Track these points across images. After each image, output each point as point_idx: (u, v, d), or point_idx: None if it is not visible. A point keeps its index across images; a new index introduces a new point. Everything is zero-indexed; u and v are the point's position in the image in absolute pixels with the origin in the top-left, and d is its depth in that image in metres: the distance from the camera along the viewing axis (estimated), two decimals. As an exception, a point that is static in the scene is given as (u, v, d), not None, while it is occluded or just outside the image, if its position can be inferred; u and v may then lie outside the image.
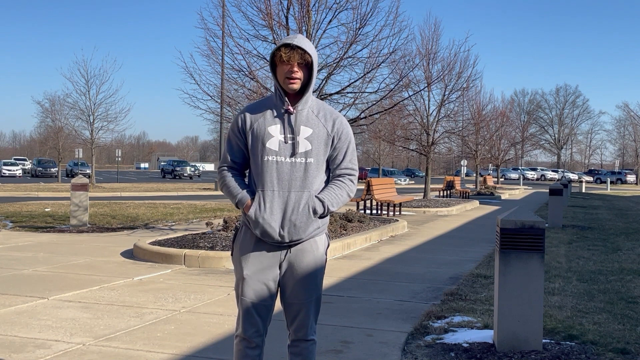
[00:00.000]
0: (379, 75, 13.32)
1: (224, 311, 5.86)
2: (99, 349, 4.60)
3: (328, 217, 3.10)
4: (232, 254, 3.13)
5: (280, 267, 3.03)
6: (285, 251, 3.01)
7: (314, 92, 12.09)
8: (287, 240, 2.96)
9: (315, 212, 2.96)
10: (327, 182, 3.10)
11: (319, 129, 3.01)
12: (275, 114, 3.00)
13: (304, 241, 3.01)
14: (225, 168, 3.11)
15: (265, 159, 2.95)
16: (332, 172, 3.11)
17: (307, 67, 2.96)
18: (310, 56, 2.93)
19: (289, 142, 2.96)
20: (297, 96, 3.01)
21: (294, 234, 2.95)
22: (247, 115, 3.04)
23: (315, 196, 2.98)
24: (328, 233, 3.19)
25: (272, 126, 2.98)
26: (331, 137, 3.03)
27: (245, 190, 3.02)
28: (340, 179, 3.08)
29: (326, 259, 3.13)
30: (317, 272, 3.06)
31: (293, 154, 2.95)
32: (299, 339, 3.09)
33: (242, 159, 3.10)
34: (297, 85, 2.94)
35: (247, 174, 3.17)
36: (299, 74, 2.93)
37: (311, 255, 3.02)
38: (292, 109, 2.98)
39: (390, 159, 74.99)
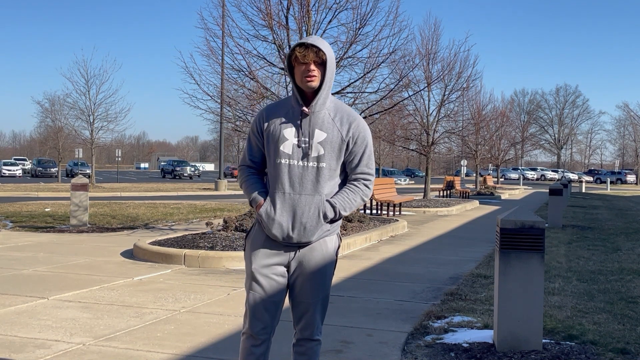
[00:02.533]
0: (379, 75, 13.30)
1: (224, 311, 5.86)
2: (99, 349, 4.60)
3: (341, 220, 3.11)
4: (244, 250, 3.17)
5: (289, 266, 3.06)
6: (294, 251, 3.04)
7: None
8: (295, 242, 2.99)
9: (325, 216, 2.99)
10: (344, 183, 3.11)
11: (334, 133, 3.00)
12: (292, 116, 3.01)
13: (314, 242, 3.03)
14: (244, 167, 3.17)
15: (278, 161, 2.98)
16: (348, 175, 3.11)
17: (323, 65, 2.96)
18: (324, 54, 2.93)
19: (303, 145, 2.97)
20: (312, 96, 3.00)
21: (303, 236, 2.98)
22: (265, 116, 3.07)
23: (327, 200, 2.99)
24: (340, 233, 3.20)
25: (287, 129, 2.99)
26: (345, 142, 3.02)
27: (260, 191, 3.07)
28: (355, 183, 3.08)
29: (336, 259, 3.15)
30: (326, 272, 3.08)
31: (305, 157, 2.97)
32: (305, 338, 3.10)
33: (260, 159, 3.13)
34: (315, 82, 2.94)
35: (265, 173, 3.19)
36: (315, 71, 2.93)
37: (320, 254, 3.04)
38: (307, 110, 2.98)
39: (390, 159, 74.98)
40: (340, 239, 3.21)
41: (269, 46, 11.84)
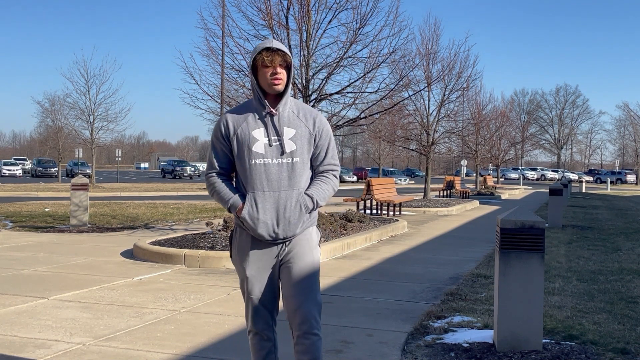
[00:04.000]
0: (379, 75, 13.29)
1: (224, 311, 5.86)
2: (99, 349, 4.60)
3: (317, 211, 3.22)
4: (231, 256, 3.24)
5: (278, 262, 3.14)
6: (281, 246, 3.12)
7: (314, 92, 12.06)
8: (281, 237, 3.07)
9: (306, 208, 3.09)
10: (310, 179, 3.20)
11: (302, 128, 3.12)
12: (258, 117, 3.11)
13: (298, 235, 3.12)
14: (214, 174, 3.20)
15: (253, 162, 3.06)
16: (315, 168, 3.21)
17: (287, 68, 3.08)
18: (289, 57, 3.07)
19: (274, 143, 3.07)
20: (276, 98, 3.12)
21: (289, 230, 3.06)
22: (229, 121, 3.14)
23: (305, 193, 3.10)
24: (317, 225, 3.30)
25: (256, 130, 3.08)
26: (313, 135, 3.15)
27: (236, 195, 3.12)
28: (325, 174, 3.21)
29: (319, 250, 3.25)
30: (314, 262, 3.16)
31: (280, 154, 3.06)
32: (304, 333, 3.10)
33: (227, 164, 3.20)
34: (281, 86, 3.06)
35: (233, 177, 3.26)
36: (282, 74, 3.05)
37: (307, 245, 3.14)
38: (274, 111, 3.08)
39: (390, 159, 74.99)
40: (320, 231, 3.33)
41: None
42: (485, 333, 5.05)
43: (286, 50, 3.06)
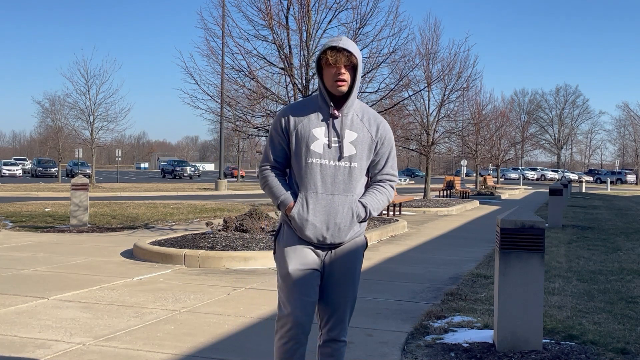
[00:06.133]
0: (379, 75, 13.31)
1: (224, 311, 5.86)
2: (99, 349, 4.60)
3: (367, 221, 3.11)
4: (274, 252, 3.11)
5: (322, 266, 3.03)
6: (327, 252, 3.02)
7: (314, 92, 12.06)
8: (328, 243, 2.96)
9: (358, 216, 2.98)
10: (365, 186, 3.10)
11: (364, 133, 3.00)
12: (321, 116, 2.98)
13: (346, 243, 3.02)
14: (268, 167, 3.08)
15: (310, 161, 2.94)
16: (372, 176, 3.11)
17: (353, 69, 2.95)
18: (355, 58, 2.92)
19: (334, 145, 2.95)
20: (341, 99, 2.98)
21: (337, 237, 2.96)
22: (291, 116, 3.01)
23: (359, 200, 2.99)
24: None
25: (317, 129, 2.96)
26: (375, 142, 3.03)
27: (288, 192, 3.00)
28: (381, 184, 3.09)
29: (363, 260, 3.17)
30: (357, 271, 3.09)
31: (338, 158, 2.94)
32: (332, 339, 3.08)
33: (284, 159, 3.07)
34: (345, 87, 2.93)
35: (287, 173, 3.14)
36: (346, 75, 2.92)
37: (353, 254, 3.05)
38: (337, 113, 2.96)
39: (390, 159, 74.87)
40: (367, 239, 3.21)
41: (269, 46, 11.85)
42: (485, 333, 5.05)
43: (353, 49, 2.91)
